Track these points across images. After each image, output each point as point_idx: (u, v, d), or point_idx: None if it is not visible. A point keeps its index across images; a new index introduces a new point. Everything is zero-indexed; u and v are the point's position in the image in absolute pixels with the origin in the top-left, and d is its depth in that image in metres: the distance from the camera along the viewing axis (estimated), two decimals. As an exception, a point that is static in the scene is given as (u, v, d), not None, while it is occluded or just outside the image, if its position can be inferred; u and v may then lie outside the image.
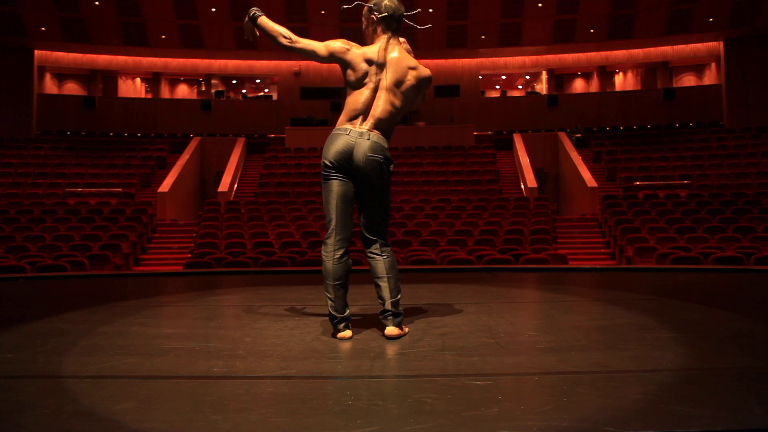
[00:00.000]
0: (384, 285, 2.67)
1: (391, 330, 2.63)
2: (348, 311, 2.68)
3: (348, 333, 2.64)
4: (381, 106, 2.73)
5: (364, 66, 2.74)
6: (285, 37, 2.76)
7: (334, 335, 2.66)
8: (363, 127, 2.71)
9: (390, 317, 2.64)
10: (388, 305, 2.65)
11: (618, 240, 11.51)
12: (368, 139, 2.68)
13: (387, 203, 2.79)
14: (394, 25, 2.79)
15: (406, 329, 2.74)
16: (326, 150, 2.73)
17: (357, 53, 2.75)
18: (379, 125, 2.73)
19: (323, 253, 2.71)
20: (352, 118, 2.73)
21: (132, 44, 20.33)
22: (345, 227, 2.71)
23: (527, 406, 1.70)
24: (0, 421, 1.59)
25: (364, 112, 2.73)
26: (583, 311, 3.63)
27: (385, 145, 2.73)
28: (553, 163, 18.47)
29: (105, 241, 11.20)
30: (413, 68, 2.77)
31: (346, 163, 2.69)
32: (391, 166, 2.75)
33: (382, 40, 2.78)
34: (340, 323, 2.65)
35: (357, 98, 2.74)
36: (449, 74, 21.65)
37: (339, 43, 2.76)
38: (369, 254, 2.75)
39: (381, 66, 2.74)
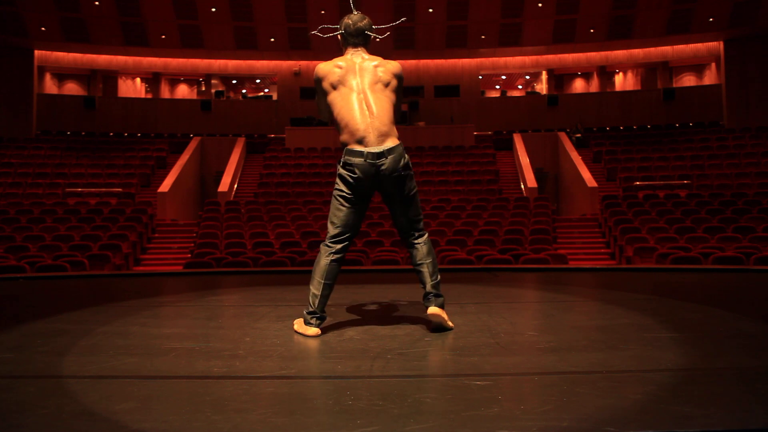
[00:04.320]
0: (423, 270, 2.80)
1: (433, 309, 2.72)
2: (325, 313, 2.78)
3: (317, 330, 2.71)
4: (377, 105, 2.78)
5: (337, 70, 2.85)
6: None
7: (305, 322, 2.75)
8: (373, 140, 2.73)
9: (432, 298, 2.76)
10: (428, 287, 2.77)
11: (618, 240, 11.50)
12: (387, 157, 2.73)
13: (417, 198, 2.89)
14: (352, 40, 2.93)
15: (451, 324, 2.79)
16: (347, 175, 2.74)
17: (326, 65, 2.87)
18: (385, 128, 2.76)
19: (323, 249, 2.79)
20: (358, 139, 2.74)
21: (132, 44, 20.33)
22: (352, 234, 2.82)
23: (527, 406, 1.70)
24: (0, 421, 1.59)
25: (363, 122, 2.74)
26: (583, 311, 3.63)
27: (402, 149, 2.79)
28: (553, 163, 18.46)
29: (105, 241, 11.20)
30: (378, 65, 2.87)
31: (370, 187, 2.77)
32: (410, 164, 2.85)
33: (348, 53, 2.92)
34: (317, 319, 2.73)
35: (346, 109, 2.77)
36: (449, 74, 21.65)
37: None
38: (409, 246, 2.87)
39: (353, 70, 2.84)
